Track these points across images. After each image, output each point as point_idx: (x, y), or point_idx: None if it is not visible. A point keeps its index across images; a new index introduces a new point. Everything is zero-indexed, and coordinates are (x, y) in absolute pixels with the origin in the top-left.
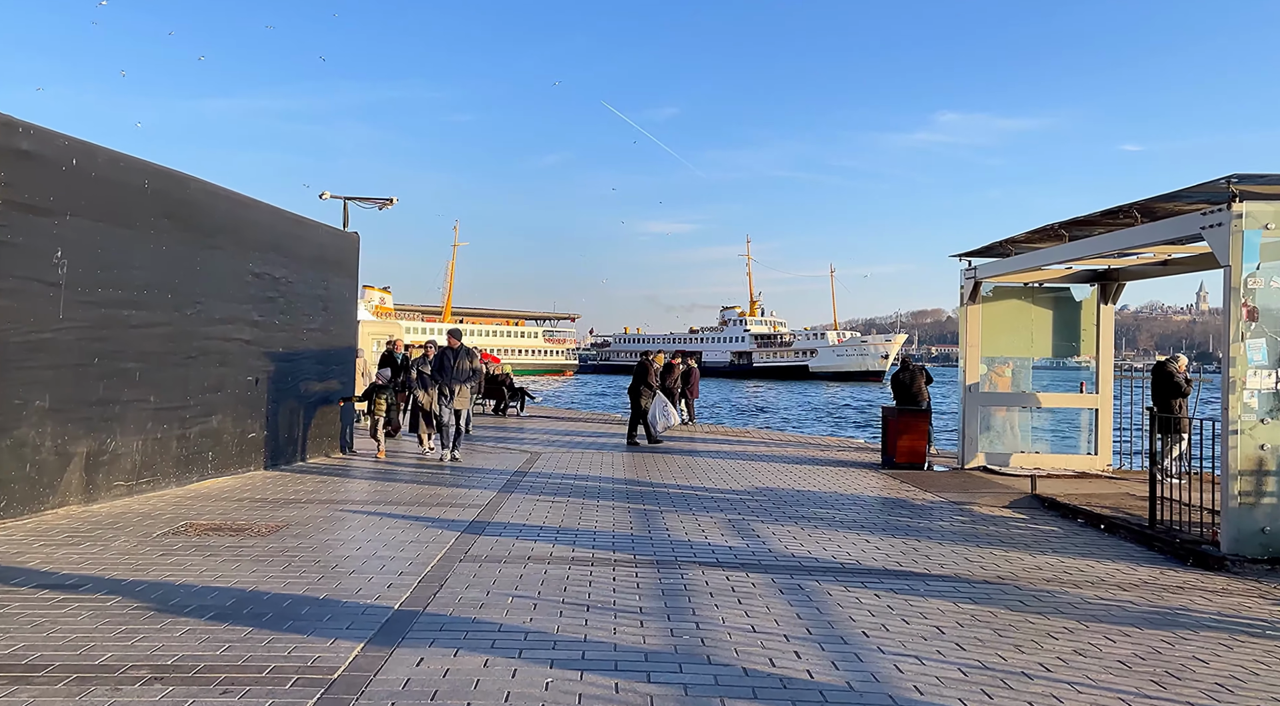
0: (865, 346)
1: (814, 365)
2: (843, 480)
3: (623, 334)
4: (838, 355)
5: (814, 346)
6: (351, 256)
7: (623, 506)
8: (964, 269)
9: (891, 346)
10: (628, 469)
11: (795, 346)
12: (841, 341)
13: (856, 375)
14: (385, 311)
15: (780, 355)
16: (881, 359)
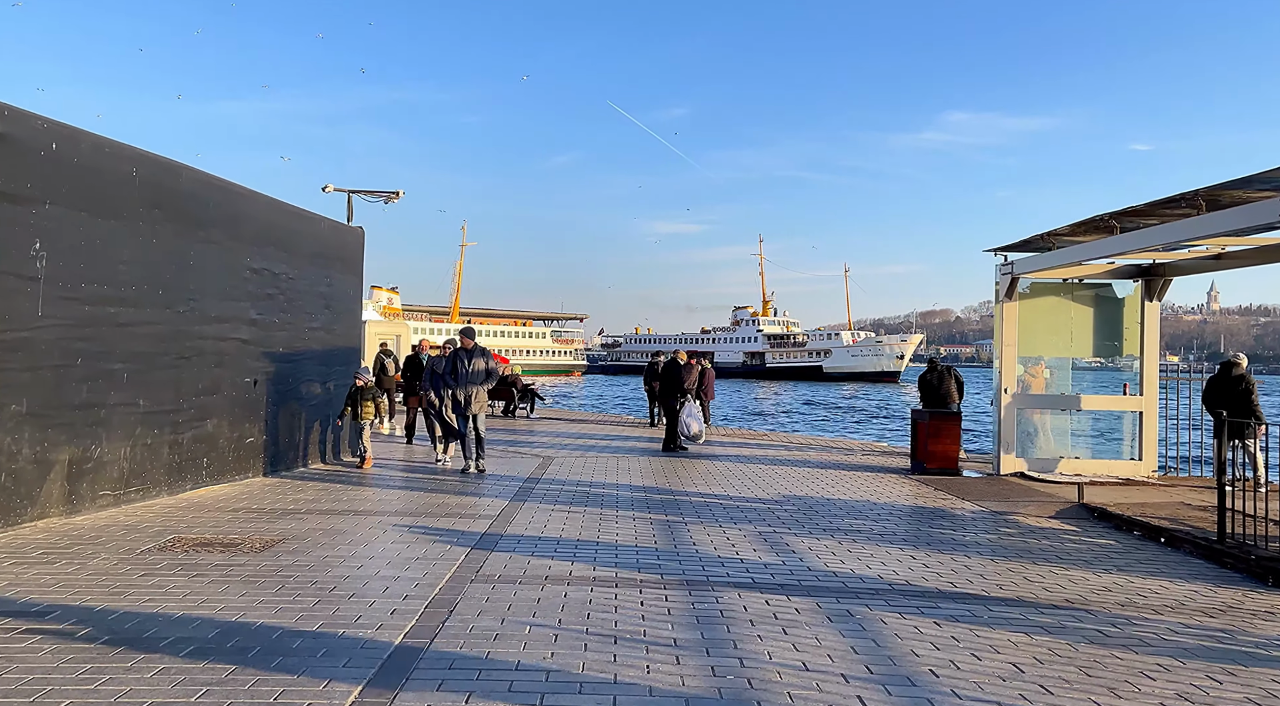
0: (880, 347)
1: (828, 366)
2: (873, 487)
3: (633, 334)
4: (852, 356)
5: (828, 346)
6: (356, 252)
7: (644, 517)
8: (999, 264)
9: (907, 347)
10: (645, 475)
11: (809, 346)
12: (856, 341)
13: (871, 376)
14: (393, 312)
15: (794, 355)
16: (897, 359)
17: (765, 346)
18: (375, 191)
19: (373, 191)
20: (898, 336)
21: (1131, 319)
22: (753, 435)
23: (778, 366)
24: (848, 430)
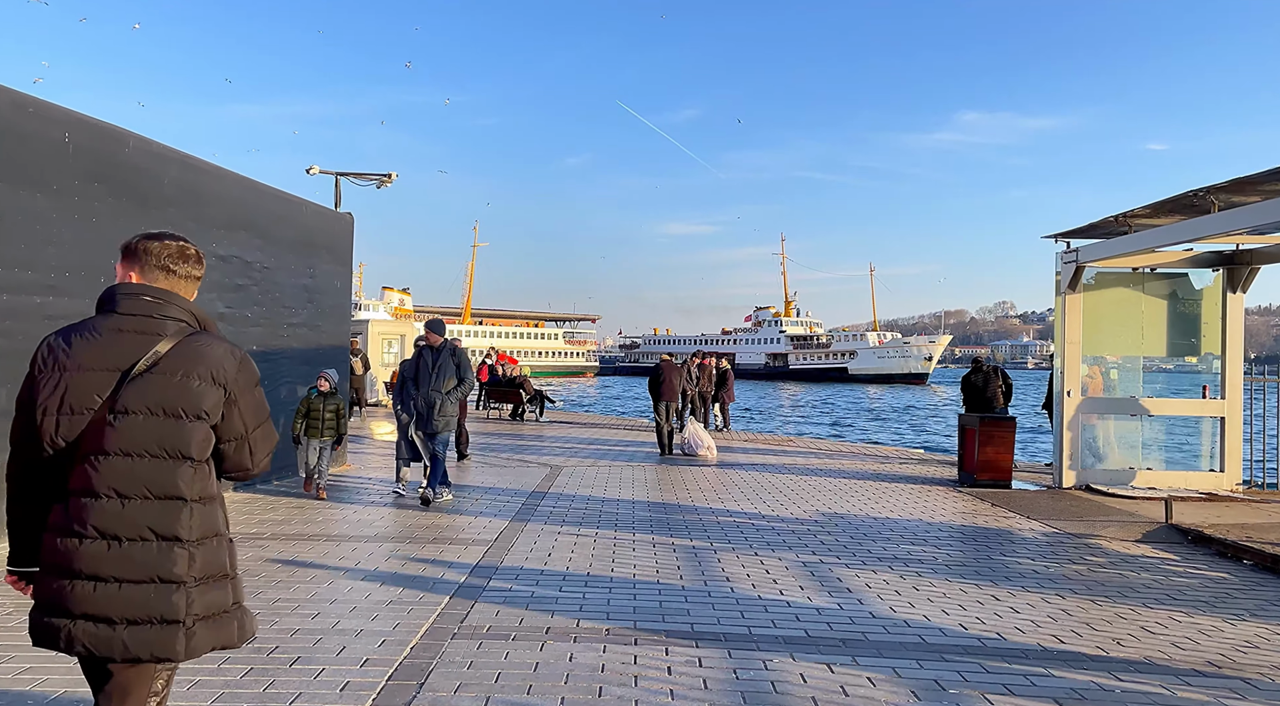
0: (908, 348)
1: (853, 367)
2: (922, 502)
3: (651, 335)
4: (879, 357)
5: (853, 348)
6: (344, 241)
7: (665, 541)
8: (1061, 251)
9: (935, 348)
10: (664, 487)
11: (834, 348)
12: (882, 342)
13: (898, 377)
14: (405, 313)
15: (818, 357)
16: (925, 361)
17: (788, 347)
18: (366, 174)
19: (363, 174)
20: (925, 337)
21: (1211, 313)
22: (776, 440)
23: (801, 368)
24: (878, 435)
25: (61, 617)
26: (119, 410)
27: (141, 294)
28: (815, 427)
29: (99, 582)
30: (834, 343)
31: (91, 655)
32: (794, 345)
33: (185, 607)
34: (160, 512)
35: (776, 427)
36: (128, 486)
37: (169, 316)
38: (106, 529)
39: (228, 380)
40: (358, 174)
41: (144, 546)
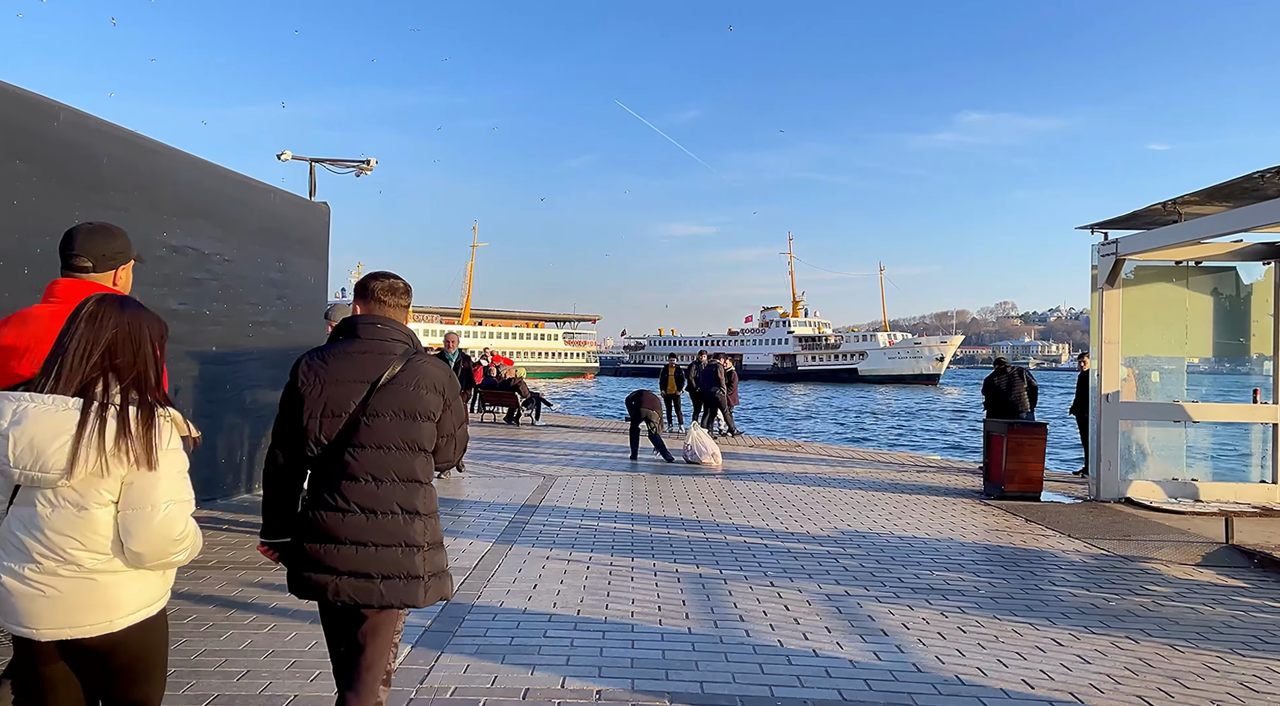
0: (919, 348)
1: (863, 368)
2: (947, 518)
3: (656, 336)
4: (889, 358)
5: (863, 348)
6: (320, 232)
7: (668, 568)
8: (1098, 244)
9: (947, 348)
10: (666, 500)
11: (843, 348)
12: (893, 343)
13: (909, 379)
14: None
15: (827, 358)
16: (936, 362)
17: (796, 348)
18: (343, 161)
19: (340, 161)
20: (937, 338)
21: (1261, 309)
22: (784, 445)
23: (810, 369)
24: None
25: (327, 574)
26: (371, 412)
27: (375, 323)
28: (827, 430)
29: (360, 547)
30: (843, 343)
31: (354, 603)
32: (802, 346)
33: (423, 566)
34: (405, 492)
35: (784, 430)
36: (380, 471)
37: (396, 339)
38: (365, 505)
39: (444, 389)
40: (334, 160)
41: (393, 518)
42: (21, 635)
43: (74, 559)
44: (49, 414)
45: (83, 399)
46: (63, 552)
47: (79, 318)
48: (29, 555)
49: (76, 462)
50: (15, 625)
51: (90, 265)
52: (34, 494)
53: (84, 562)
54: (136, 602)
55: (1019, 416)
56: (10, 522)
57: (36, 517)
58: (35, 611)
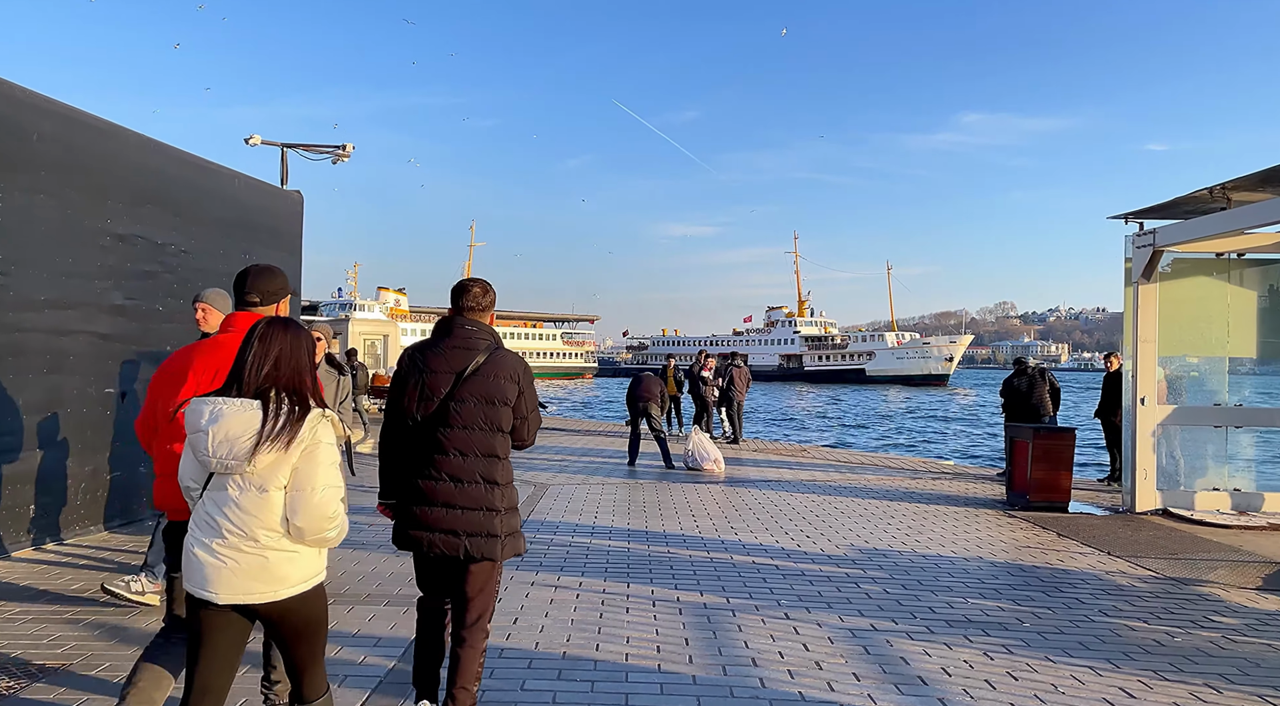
0: (927, 348)
1: (871, 368)
2: (972, 532)
3: (659, 336)
4: (897, 358)
5: (871, 348)
6: (292, 223)
7: (668, 596)
8: (1132, 235)
9: (956, 348)
10: (666, 512)
11: (850, 348)
12: (901, 343)
13: (918, 379)
14: (400, 313)
15: (834, 358)
16: (945, 362)
17: (803, 348)
18: (318, 146)
19: (314, 146)
20: (945, 338)
21: None
22: (790, 450)
23: (816, 369)
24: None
25: (424, 531)
26: (458, 398)
27: (465, 324)
28: (842, 435)
29: (449, 509)
30: (850, 343)
31: (443, 556)
32: (809, 346)
33: (500, 527)
34: (486, 465)
35: (793, 434)
36: (466, 447)
37: (481, 337)
38: (454, 474)
39: (519, 378)
40: (308, 146)
41: (476, 487)
42: (204, 598)
43: (254, 534)
44: (238, 413)
45: (260, 401)
46: (246, 529)
47: (253, 337)
48: (219, 531)
49: (259, 452)
50: (200, 589)
51: (259, 300)
52: (226, 479)
53: (261, 539)
54: (298, 577)
55: (1041, 420)
56: (205, 503)
57: (228, 498)
58: (219, 579)
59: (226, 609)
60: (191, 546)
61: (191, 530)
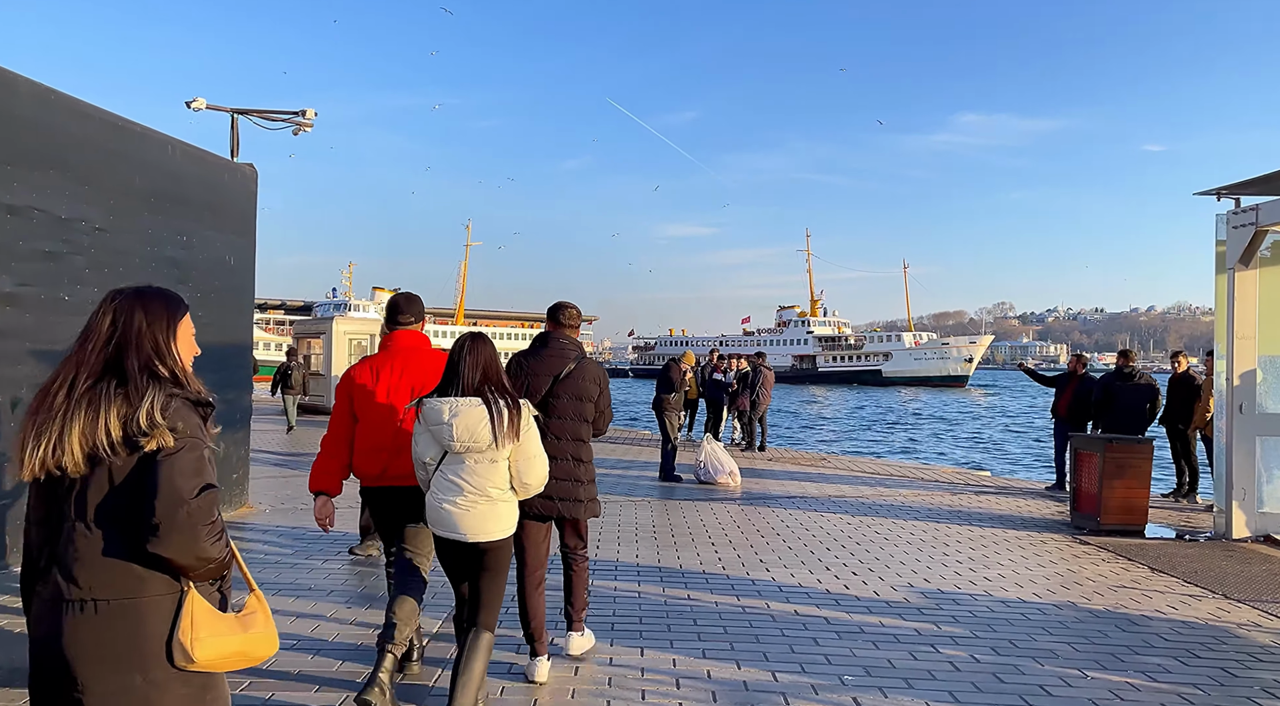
0: (946, 349)
1: (888, 370)
2: (1047, 565)
3: (667, 336)
4: (915, 359)
5: (887, 349)
6: (243, 201)
7: (695, 667)
8: (1228, 212)
9: (976, 348)
10: (680, 541)
11: (866, 349)
12: (919, 343)
13: (936, 381)
14: None
15: (849, 359)
16: (965, 363)
17: (816, 349)
18: (274, 112)
19: (270, 112)
20: (966, 337)
21: None
22: (809, 458)
23: (831, 370)
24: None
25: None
26: (554, 395)
27: (560, 338)
28: (872, 443)
29: (551, 480)
30: (867, 344)
31: (542, 516)
32: (822, 346)
33: (584, 495)
34: (575, 448)
35: (826, 441)
36: (560, 432)
37: (571, 348)
38: (554, 454)
39: (600, 381)
40: (262, 111)
41: (567, 463)
42: (453, 539)
43: (487, 492)
44: (470, 409)
45: (480, 397)
46: (481, 488)
47: (463, 351)
48: (461, 490)
49: (501, 443)
50: (452, 533)
51: (412, 320)
52: (463, 456)
53: (492, 495)
54: (509, 523)
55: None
56: (444, 472)
57: (467, 467)
58: (465, 524)
59: (469, 545)
60: (439, 503)
61: (435, 493)
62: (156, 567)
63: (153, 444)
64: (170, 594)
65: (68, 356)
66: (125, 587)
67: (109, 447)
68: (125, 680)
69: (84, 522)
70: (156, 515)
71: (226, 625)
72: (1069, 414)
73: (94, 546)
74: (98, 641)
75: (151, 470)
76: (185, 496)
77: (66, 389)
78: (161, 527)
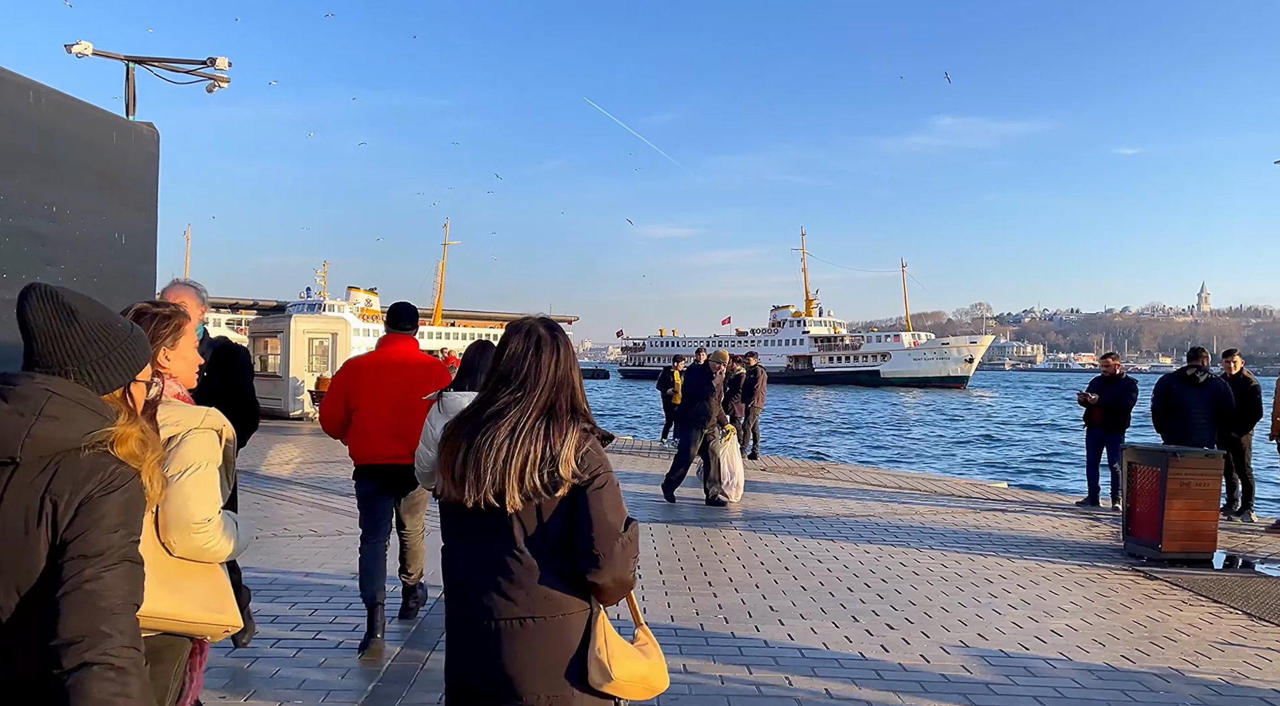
0: (945, 349)
1: (886, 370)
2: (1121, 612)
3: (657, 337)
4: (914, 359)
5: (885, 349)
6: (140, 167)
7: None
8: None
9: (976, 349)
10: (665, 577)
11: (864, 349)
12: (917, 344)
13: (935, 382)
14: (372, 313)
15: (846, 359)
16: (965, 363)
17: (812, 349)
18: (179, 61)
19: (173, 61)
20: (966, 337)
21: None
22: (806, 467)
23: (828, 371)
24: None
25: None
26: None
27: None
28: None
29: None
30: (864, 344)
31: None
32: (819, 347)
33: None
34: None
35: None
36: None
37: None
38: None
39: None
40: (163, 60)
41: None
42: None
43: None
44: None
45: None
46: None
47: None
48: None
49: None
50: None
51: (411, 328)
52: None
53: None
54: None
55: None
56: None
57: None
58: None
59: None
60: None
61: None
62: (580, 591)
63: (580, 478)
64: (583, 612)
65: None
66: (554, 607)
67: (542, 482)
68: (558, 692)
69: (518, 549)
70: (595, 547)
71: (631, 650)
72: (1103, 420)
73: (529, 571)
74: (532, 654)
75: (581, 503)
76: (618, 530)
77: (510, 426)
78: (601, 559)
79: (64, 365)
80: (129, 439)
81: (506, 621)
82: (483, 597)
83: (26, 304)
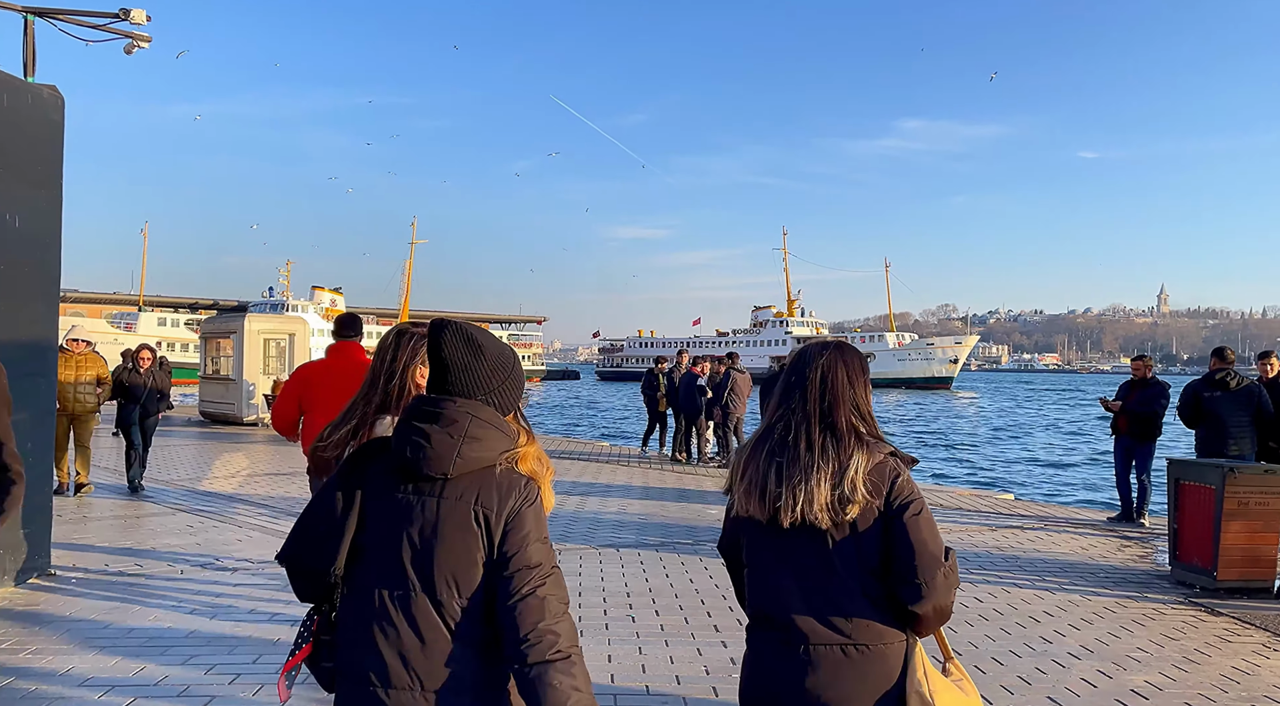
0: (930, 350)
1: (871, 370)
2: (1204, 663)
3: (635, 337)
4: (899, 360)
5: (870, 350)
6: (39, 136)
7: None
8: None
9: (961, 349)
10: (668, 616)
11: None
12: (902, 344)
13: (920, 382)
14: (337, 313)
15: None
16: (950, 364)
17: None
18: (88, 13)
19: (82, 13)
20: (951, 338)
21: None
22: None
23: None
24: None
25: None
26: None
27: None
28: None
29: None
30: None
31: None
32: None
33: None
34: None
35: None
36: None
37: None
38: None
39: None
40: (69, 12)
41: None
42: None
43: None
44: None
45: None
46: None
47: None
48: None
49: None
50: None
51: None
52: None
53: None
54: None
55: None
56: None
57: None
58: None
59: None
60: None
61: None
62: (897, 620)
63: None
64: (901, 642)
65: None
66: (875, 635)
67: (836, 502)
68: None
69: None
70: (919, 576)
71: (948, 683)
72: (1129, 428)
73: (846, 593)
74: (853, 684)
75: (898, 530)
76: (941, 558)
77: (805, 440)
78: (924, 588)
79: (474, 393)
80: (529, 456)
81: (826, 646)
82: (798, 621)
83: (441, 339)
